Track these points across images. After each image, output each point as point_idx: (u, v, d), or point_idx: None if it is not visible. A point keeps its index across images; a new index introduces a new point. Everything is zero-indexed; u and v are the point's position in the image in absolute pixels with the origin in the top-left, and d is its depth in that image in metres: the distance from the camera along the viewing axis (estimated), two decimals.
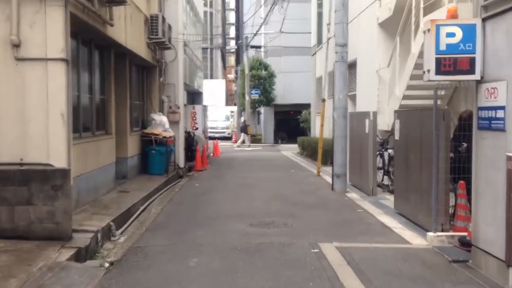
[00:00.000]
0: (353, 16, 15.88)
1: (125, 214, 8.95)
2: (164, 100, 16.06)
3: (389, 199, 10.92)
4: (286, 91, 36.81)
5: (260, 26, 28.46)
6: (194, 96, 25.05)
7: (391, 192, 11.66)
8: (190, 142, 19.09)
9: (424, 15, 11.18)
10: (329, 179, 14.34)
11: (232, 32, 66.47)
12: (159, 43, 14.17)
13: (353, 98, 17.24)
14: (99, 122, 10.64)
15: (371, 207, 10.17)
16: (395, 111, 9.58)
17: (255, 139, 35.73)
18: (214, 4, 55.29)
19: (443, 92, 12.96)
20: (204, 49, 52.06)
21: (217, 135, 38.77)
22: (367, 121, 11.55)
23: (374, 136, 11.49)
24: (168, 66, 16.14)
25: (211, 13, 52.55)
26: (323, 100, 15.50)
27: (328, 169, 16.43)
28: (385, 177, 12.44)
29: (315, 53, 24.89)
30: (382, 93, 14.48)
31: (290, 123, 40.31)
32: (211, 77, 55.14)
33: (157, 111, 15.24)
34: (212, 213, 9.55)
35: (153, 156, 13.99)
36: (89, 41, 9.91)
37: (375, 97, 14.98)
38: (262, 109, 38.24)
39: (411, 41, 11.85)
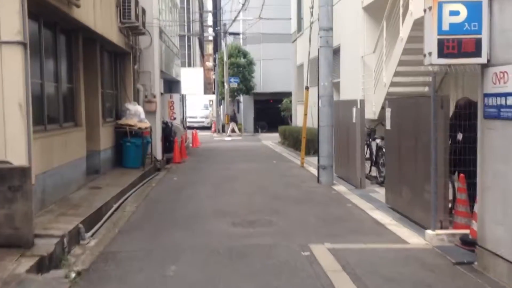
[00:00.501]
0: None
1: (96, 214, 8.17)
2: (140, 89, 15.20)
3: (378, 192, 10.32)
4: (265, 79, 36.09)
5: (239, 12, 27.61)
6: (171, 85, 24.18)
7: (380, 184, 11.09)
8: (168, 132, 18.28)
9: None
10: (313, 171, 13.74)
11: (210, 20, 65.42)
12: (133, 28, 13.30)
13: (337, 86, 16.57)
14: (67, 113, 9.81)
15: (360, 201, 9.56)
16: (386, 99, 8.95)
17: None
18: None
19: (430, 79, 12.41)
20: (182, 36, 50.98)
21: (196, 124, 37.94)
22: (354, 109, 10.91)
23: (362, 125, 10.86)
24: (143, 53, 15.27)
25: (187, 0, 51.42)
26: (306, 88, 14.81)
27: (312, 159, 15.85)
28: (373, 168, 11.86)
29: (295, 40, 24.18)
30: (368, 80, 13.87)
31: (270, 112, 39.67)
32: (189, 66, 54.15)
33: (131, 100, 14.39)
34: (192, 211, 8.83)
35: (128, 149, 13.17)
36: (54, 24, 9.05)
37: (360, 84, 14.36)
38: (241, 98, 37.46)
39: (399, 25, 11.22)
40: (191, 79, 44.18)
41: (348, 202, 9.52)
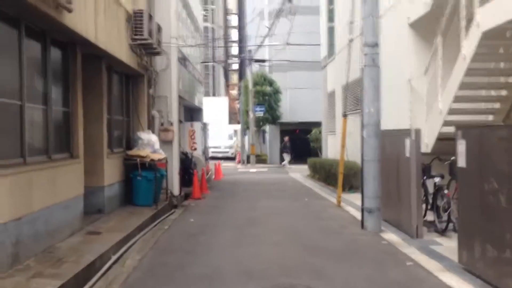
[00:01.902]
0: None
1: (85, 272, 6.27)
2: (155, 116, 13.43)
3: (441, 244, 8.21)
4: (292, 108, 34.24)
5: (265, 38, 25.94)
6: (193, 113, 22.47)
7: (440, 233, 8.96)
8: (187, 164, 16.49)
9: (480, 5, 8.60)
10: (353, 212, 11.67)
11: (234, 50, 64.29)
12: (146, 46, 11.59)
13: None
14: (59, 142, 8.00)
15: (423, 257, 7.44)
16: (458, 128, 6.91)
17: (260, 159, 33.08)
18: (216, 20, 53.14)
19: (497, 106, 10.34)
20: (205, 64, 49.75)
21: (219, 155, 36.18)
22: (407, 141, 8.88)
23: (418, 160, 8.79)
24: (159, 75, 13.56)
25: (212, 29, 50.37)
26: (344, 116, 12.83)
27: (349, 197, 13.79)
28: (429, 212, 9.74)
29: (325, 66, 22.34)
30: (416, 107, 11.83)
31: (297, 143, 37.72)
32: (214, 95, 52.75)
33: (145, 128, 12.60)
34: (208, 269, 6.83)
35: (138, 184, 11.31)
36: (42, 34, 7.32)
37: (405, 112, 12.31)
38: (267, 128, 35.58)
39: (461, 41, 9.23)
40: (215, 109, 42.53)
41: (407, 258, 7.41)
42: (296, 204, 13.35)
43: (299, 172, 24.94)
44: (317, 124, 32.46)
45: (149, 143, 11.98)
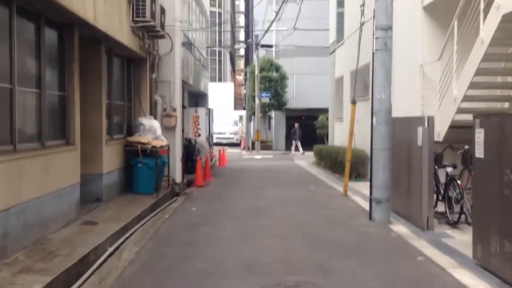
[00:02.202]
0: None
1: (77, 266, 5.91)
2: (157, 101, 13.03)
3: (453, 237, 7.82)
4: (299, 95, 33.74)
5: (272, 22, 25.38)
6: (198, 98, 22.06)
7: (452, 225, 8.56)
8: (191, 151, 16.11)
9: None
10: (360, 201, 11.29)
11: (242, 36, 63.52)
12: (149, 29, 11.15)
13: None
14: (54, 128, 7.61)
15: (434, 251, 7.04)
16: (476, 116, 6.46)
17: (266, 146, 32.68)
18: (223, 4, 52.46)
19: None
20: (212, 51, 49.17)
21: (224, 141, 35.80)
22: (420, 129, 8.44)
23: (431, 149, 8.36)
24: (162, 60, 13.13)
25: (219, 14, 49.74)
26: (353, 102, 12.36)
27: (355, 186, 13.39)
28: (440, 203, 9.32)
29: (334, 51, 21.79)
30: (427, 93, 11.35)
31: (303, 129, 37.24)
32: (220, 80, 52.28)
33: (147, 114, 12.21)
34: (209, 264, 6.45)
35: (139, 171, 10.94)
36: (36, 14, 6.90)
37: (416, 98, 11.84)
38: (273, 114, 35.12)
39: (480, 24, 8.72)
40: (221, 94, 42.17)
41: (417, 253, 7.01)
42: (301, 193, 12.95)
43: (305, 159, 24.55)
44: (324, 111, 31.96)
45: (150, 129, 11.59)
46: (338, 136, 20.70)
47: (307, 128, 37.71)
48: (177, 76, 13.29)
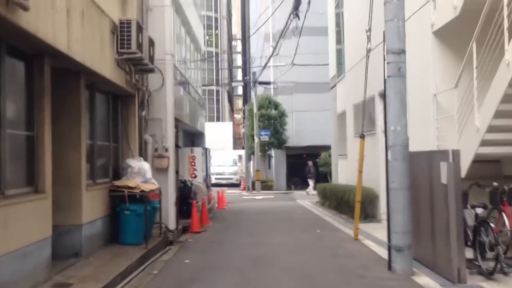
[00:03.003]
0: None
1: None
2: (148, 141, 11.90)
3: None
4: (299, 132, 32.71)
5: (270, 57, 24.56)
6: (194, 138, 20.98)
7: (486, 275, 7.29)
8: (186, 193, 14.89)
9: None
10: (373, 246, 10.05)
11: (239, 75, 63.09)
12: (136, 61, 10.11)
13: None
14: (18, 173, 6.44)
15: None
16: None
17: (266, 186, 31.41)
18: (220, 44, 52.14)
19: None
20: (209, 89, 48.49)
21: (223, 181, 34.57)
22: (444, 165, 7.28)
23: (458, 187, 7.17)
24: (153, 96, 12.06)
25: (216, 53, 49.30)
26: (361, 136, 11.23)
27: (366, 228, 12.16)
28: (469, 249, 8.06)
29: (334, 86, 20.85)
30: (443, 124, 10.25)
31: (302, 167, 36.08)
32: (218, 120, 51.42)
33: (136, 155, 11.05)
34: None
35: (126, 219, 9.69)
36: None
37: (430, 130, 10.73)
38: (272, 152, 33.99)
39: (504, 45, 7.69)
40: (220, 134, 41.16)
41: None
42: (308, 237, 11.67)
43: (308, 199, 23.31)
44: (325, 148, 30.92)
45: (140, 172, 10.42)
46: (342, 173, 19.52)
47: (306, 166, 36.53)
48: (169, 113, 12.20)
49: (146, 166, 10.62)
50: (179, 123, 15.63)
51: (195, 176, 16.63)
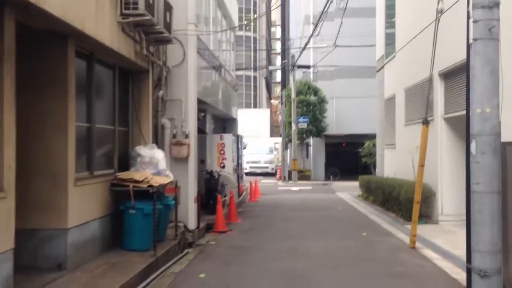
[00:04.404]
0: None
1: None
2: (165, 125, 10.01)
3: None
4: (339, 120, 30.34)
5: (310, 37, 22.29)
6: (225, 124, 19.01)
7: None
8: (213, 186, 13.01)
9: None
10: (437, 259, 7.99)
11: (278, 61, 60.66)
12: (148, 28, 8.17)
13: (464, 119, 10.68)
14: None
15: None
16: None
17: (303, 176, 29.25)
18: (258, 29, 49.96)
19: None
20: (247, 75, 46.54)
21: (258, 170, 32.66)
22: None
23: None
24: (172, 73, 10.13)
25: (254, 39, 47.21)
26: (425, 122, 8.93)
27: (422, 232, 9.94)
28: None
29: (382, 68, 18.44)
30: None
31: (343, 157, 33.78)
32: (255, 107, 49.46)
33: (149, 142, 9.16)
34: None
35: (131, 219, 7.82)
36: None
37: None
38: (311, 141, 31.73)
39: None
40: (256, 121, 39.25)
41: None
42: (352, 244, 9.53)
43: (347, 191, 21.10)
44: (367, 137, 28.54)
45: (151, 162, 8.53)
46: (389, 165, 17.21)
47: (348, 155, 34.22)
48: (191, 93, 10.25)
49: (159, 155, 8.71)
50: (206, 107, 13.71)
51: (224, 166, 14.69)
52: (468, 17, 5.84)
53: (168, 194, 8.98)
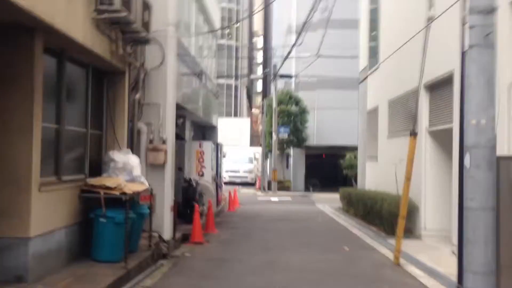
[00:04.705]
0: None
1: None
2: (141, 130, 9.51)
3: None
4: (320, 131, 30.06)
5: (292, 46, 22.03)
6: (205, 131, 18.54)
7: None
8: (190, 195, 12.52)
9: None
10: (422, 277, 7.66)
11: (259, 71, 60.33)
12: (124, 27, 7.70)
13: (449, 132, 10.44)
14: None
15: None
16: None
17: (283, 186, 28.89)
18: (241, 38, 49.73)
19: None
20: (228, 83, 46.17)
21: (238, 180, 32.18)
22: None
23: None
24: (150, 76, 9.65)
25: (237, 48, 46.92)
26: (413, 134, 8.59)
27: (405, 247, 9.54)
28: None
29: (365, 79, 18.22)
30: None
31: (323, 168, 33.51)
32: (236, 116, 49.06)
33: (123, 146, 8.66)
34: None
35: (101, 229, 7.29)
36: None
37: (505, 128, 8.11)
38: (291, 151, 31.37)
39: None
40: (236, 130, 38.84)
41: None
42: (335, 258, 9.13)
43: (328, 203, 20.73)
44: (348, 149, 28.32)
45: (125, 168, 8.03)
46: (370, 178, 16.94)
47: (328, 167, 33.97)
48: (170, 97, 9.78)
49: (134, 161, 8.22)
50: (186, 113, 13.25)
51: (202, 174, 14.22)
52: (463, 23, 5.53)
53: (143, 202, 8.48)
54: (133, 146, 9.20)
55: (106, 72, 8.44)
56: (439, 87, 10.79)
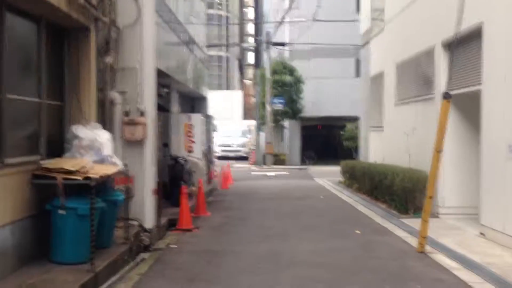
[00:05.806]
0: None
1: None
2: (114, 101, 7.89)
3: None
4: (316, 101, 28.43)
5: (286, 12, 20.27)
6: (195, 103, 16.93)
7: None
8: (178, 173, 11.03)
9: None
10: (457, 269, 6.25)
11: (251, 41, 58.03)
12: None
13: (473, 97, 8.93)
14: None
15: None
16: None
17: (278, 160, 27.46)
18: (232, 8, 47.61)
19: None
20: (219, 55, 44.30)
21: (231, 154, 30.71)
22: None
23: None
24: (124, 35, 8.00)
25: (227, 18, 44.88)
26: (446, 96, 6.98)
27: (431, 232, 8.10)
28: None
29: (367, 43, 16.56)
30: None
31: (320, 140, 32.12)
32: (227, 88, 47.32)
33: (91, 120, 7.06)
34: None
35: (60, 223, 5.75)
36: None
37: None
38: (286, 123, 29.82)
39: None
40: (228, 103, 37.24)
41: None
42: (346, 247, 7.65)
43: (326, 177, 19.35)
44: (345, 119, 26.92)
45: (92, 146, 6.46)
46: (375, 150, 15.47)
47: (325, 139, 32.64)
48: (148, 60, 8.13)
49: (103, 137, 6.65)
50: (172, 82, 11.65)
51: (191, 151, 12.67)
52: None
53: (118, 186, 6.95)
54: (104, 119, 7.62)
55: (66, 29, 6.80)
56: (462, 43, 9.21)
